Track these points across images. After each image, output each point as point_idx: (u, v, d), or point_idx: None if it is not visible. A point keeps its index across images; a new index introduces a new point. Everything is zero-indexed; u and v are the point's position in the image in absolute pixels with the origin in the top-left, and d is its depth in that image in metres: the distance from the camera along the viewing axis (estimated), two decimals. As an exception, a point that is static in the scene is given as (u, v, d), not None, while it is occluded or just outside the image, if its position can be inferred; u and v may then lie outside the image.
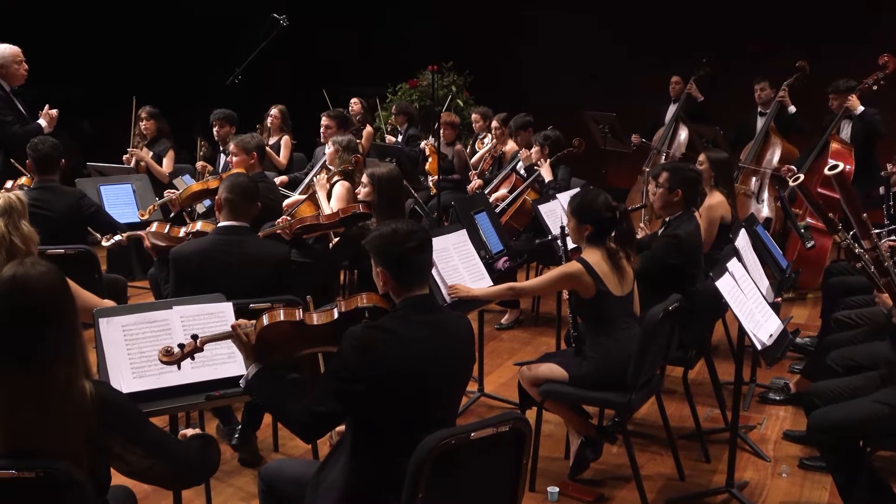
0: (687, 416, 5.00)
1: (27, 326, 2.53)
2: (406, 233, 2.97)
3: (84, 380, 2.59)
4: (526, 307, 7.34)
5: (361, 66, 12.35)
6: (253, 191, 4.54)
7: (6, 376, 2.52)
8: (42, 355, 2.53)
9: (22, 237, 3.73)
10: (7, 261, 3.65)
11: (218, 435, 4.90)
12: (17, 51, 6.77)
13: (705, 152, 6.03)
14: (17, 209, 3.77)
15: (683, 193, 4.96)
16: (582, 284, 4.20)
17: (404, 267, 2.97)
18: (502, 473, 2.93)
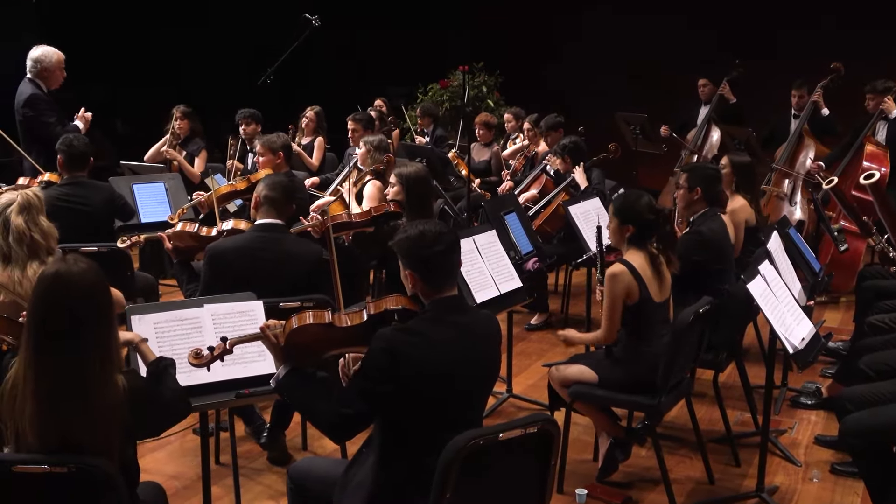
0: (717, 419, 4.97)
1: (68, 322, 2.58)
2: (434, 235, 2.97)
3: (118, 374, 2.64)
4: (555, 309, 7.31)
5: (391, 66, 12.36)
6: (291, 190, 4.61)
7: (48, 371, 2.57)
8: (81, 351, 2.59)
9: (41, 232, 3.77)
10: (29, 256, 3.70)
11: (246, 433, 4.93)
12: (62, 57, 6.88)
13: (728, 155, 6.00)
14: (35, 205, 3.81)
15: (703, 191, 4.96)
16: (628, 285, 4.17)
17: (432, 269, 2.97)
18: (530, 475, 2.92)
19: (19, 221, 3.73)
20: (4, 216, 3.75)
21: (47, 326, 2.59)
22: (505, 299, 4.91)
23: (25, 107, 6.66)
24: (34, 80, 6.76)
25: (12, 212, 3.74)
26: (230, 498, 4.24)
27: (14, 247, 3.72)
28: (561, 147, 7.10)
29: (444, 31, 12.25)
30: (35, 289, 2.65)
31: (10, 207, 3.76)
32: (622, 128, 9.17)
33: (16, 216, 3.73)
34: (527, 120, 8.60)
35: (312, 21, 7.93)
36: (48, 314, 2.60)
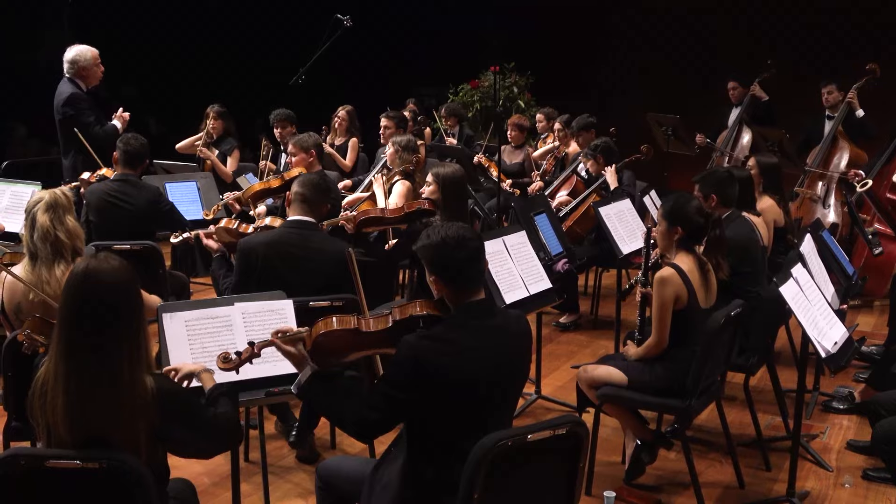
0: (747, 423, 4.93)
1: (98, 318, 2.62)
2: (456, 241, 2.94)
3: (147, 374, 2.66)
4: (584, 310, 7.29)
5: (423, 67, 12.38)
6: (325, 189, 4.65)
7: (77, 365, 2.61)
8: (110, 347, 2.62)
9: (67, 231, 3.80)
10: (53, 255, 3.74)
11: (276, 431, 4.96)
12: (96, 53, 6.94)
13: (755, 156, 5.95)
14: (62, 204, 3.85)
15: (718, 196, 4.90)
16: (677, 290, 4.13)
17: (457, 275, 2.96)
18: (558, 476, 2.91)
19: (44, 219, 3.77)
20: (32, 213, 3.79)
21: (77, 322, 2.63)
22: (534, 300, 4.89)
23: (66, 106, 6.73)
24: (73, 80, 6.83)
25: (39, 209, 3.78)
26: (259, 495, 4.26)
27: (39, 245, 3.76)
28: (592, 147, 7.07)
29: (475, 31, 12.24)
30: (66, 284, 2.69)
31: (38, 205, 3.80)
32: (654, 129, 9.13)
33: (42, 214, 3.77)
34: (557, 120, 8.58)
35: (344, 21, 7.94)
36: (78, 310, 2.63)
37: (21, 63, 11.25)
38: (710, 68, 10.65)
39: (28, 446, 3.62)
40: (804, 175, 8.18)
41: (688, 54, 11.25)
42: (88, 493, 2.63)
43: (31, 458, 2.61)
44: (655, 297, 4.14)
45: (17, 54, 11.32)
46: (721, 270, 4.28)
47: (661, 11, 11.55)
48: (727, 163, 8.91)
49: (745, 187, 5.22)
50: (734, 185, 5.06)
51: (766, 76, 9.10)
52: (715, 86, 9.93)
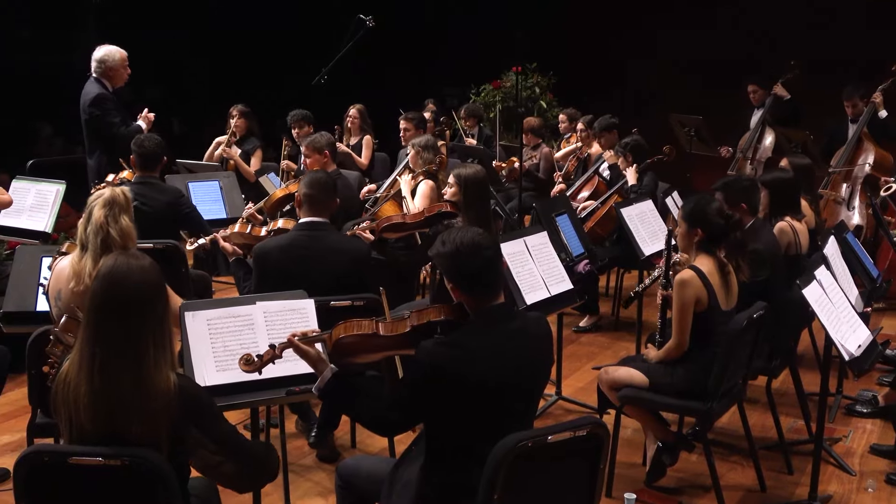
0: (770, 426, 4.90)
1: (124, 312, 2.66)
2: (472, 249, 2.92)
3: (170, 371, 2.69)
4: (606, 311, 7.27)
5: (445, 67, 12.39)
6: (331, 186, 4.64)
7: (102, 357, 2.63)
8: (135, 341, 2.65)
9: (120, 230, 3.84)
10: (102, 250, 3.78)
11: (297, 430, 4.98)
12: (125, 55, 6.97)
13: (788, 158, 5.91)
14: (119, 203, 3.89)
15: (747, 205, 4.87)
16: (698, 292, 4.11)
17: (474, 283, 2.95)
18: (579, 478, 2.91)
19: (100, 215, 3.82)
20: (90, 208, 3.86)
21: (104, 315, 2.67)
22: (555, 301, 4.89)
23: (92, 106, 6.76)
24: (99, 80, 6.87)
25: (97, 205, 3.85)
26: (279, 494, 4.28)
27: (91, 238, 3.82)
28: (623, 145, 7.06)
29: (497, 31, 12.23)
30: (95, 278, 2.74)
31: (97, 200, 3.86)
32: (676, 130, 9.09)
33: (98, 209, 3.83)
34: (581, 121, 8.56)
35: (367, 22, 7.96)
36: (105, 303, 2.67)
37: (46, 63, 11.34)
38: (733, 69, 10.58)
39: (52, 443, 3.66)
40: (828, 177, 8.12)
41: (711, 54, 11.18)
42: (111, 489, 2.65)
43: (55, 455, 2.63)
44: (676, 299, 4.13)
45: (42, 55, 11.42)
46: (742, 272, 4.25)
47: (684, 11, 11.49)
48: (750, 164, 8.86)
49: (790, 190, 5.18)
50: (759, 192, 5.04)
51: (790, 76, 9.03)
52: (738, 86, 9.87)
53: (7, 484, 4.26)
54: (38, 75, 11.12)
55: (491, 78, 11.89)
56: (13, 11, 10.89)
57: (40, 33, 11.39)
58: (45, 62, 11.24)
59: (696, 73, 11.28)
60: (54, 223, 6.18)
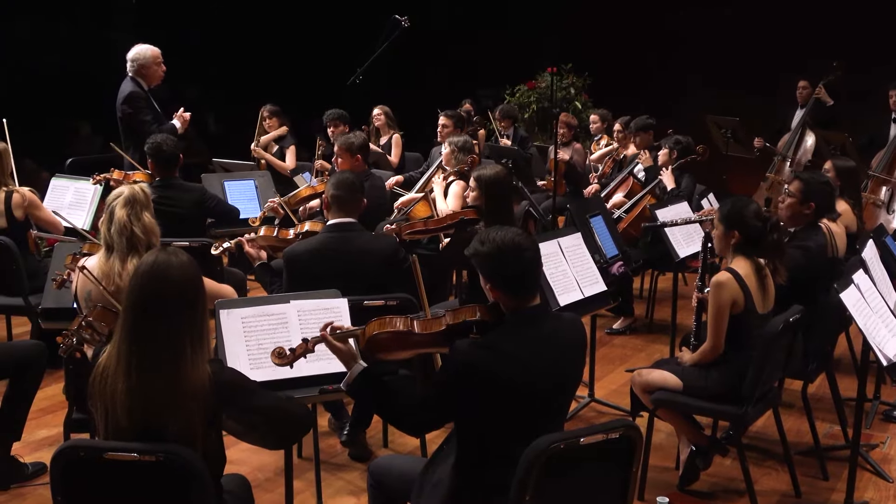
0: (805, 431, 4.85)
1: (163, 308, 2.69)
2: (512, 248, 2.91)
3: (206, 363, 2.72)
4: (640, 313, 7.23)
5: (480, 67, 12.38)
6: (358, 186, 4.64)
7: (140, 351, 2.67)
8: (174, 336, 2.68)
9: (143, 228, 3.88)
10: (128, 248, 3.82)
11: (329, 428, 5.00)
12: (158, 52, 7.03)
13: (832, 160, 5.82)
14: (140, 200, 3.93)
15: (816, 206, 4.80)
16: (734, 294, 4.08)
17: (512, 283, 2.94)
18: (611, 481, 2.90)
19: (122, 214, 3.86)
20: (111, 207, 3.89)
21: (142, 310, 2.70)
22: (589, 303, 4.87)
23: (125, 104, 6.83)
24: (135, 79, 6.94)
25: (118, 204, 3.88)
26: (311, 492, 4.30)
27: (115, 238, 3.85)
28: (674, 141, 7.03)
29: (532, 32, 12.22)
30: (135, 274, 2.77)
31: (117, 200, 3.90)
32: (713, 131, 9.02)
33: (120, 209, 3.86)
34: (618, 122, 8.51)
35: (402, 22, 7.98)
36: (144, 299, 2.71)
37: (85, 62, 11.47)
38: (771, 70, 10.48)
39: (88, 438, 3.70)
40: (867, 179, 8.02)
41: (748, 55, 11.09)
42: (146, 484, 2.68)
43: (91, 450, 2.67)
44: (711, 302, 4.09)
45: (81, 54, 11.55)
46: (779, 275, 4.21)
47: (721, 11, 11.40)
48: (790, 166, 8.78)
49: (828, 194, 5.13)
50: (834, 200, 4.98)
51: (832, 78, 8.93)
52: (775, 88, 9.79)
53: (44, 478, 4.32)
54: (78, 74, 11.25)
55: (526, 78, 11.87)
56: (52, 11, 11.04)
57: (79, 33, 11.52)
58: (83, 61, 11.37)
59: (729, 73, 11.19)
60: (92, 221, 6.25)
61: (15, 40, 10.76)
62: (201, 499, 2.65)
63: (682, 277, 6.91)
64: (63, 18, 11.25)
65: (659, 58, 11.87)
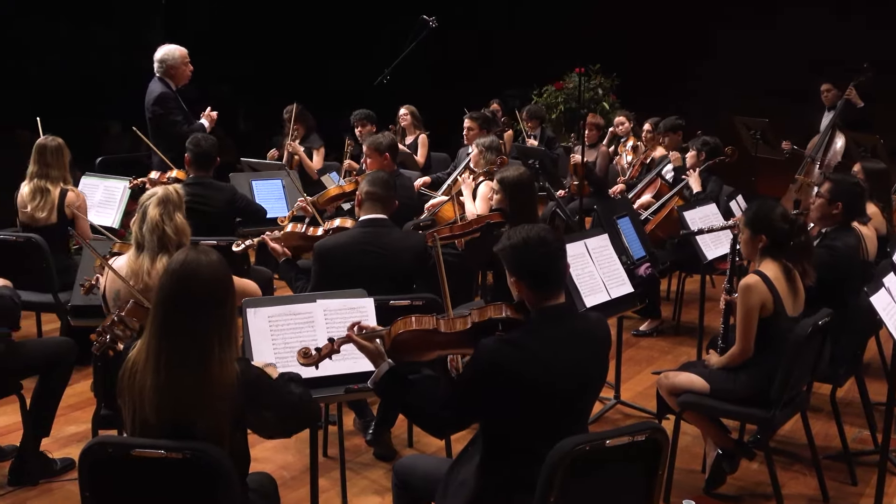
0: (833, 435, 4.81)
1: (193, 306, 2.72)
2: (538, 242, 2.94)
3: (234, 361, 2.74)
4: (667, 315, 7.19)
5: (507, 67, 12.37)
6: (392, 185, 4.68)
7: (170, 348, 2.70)
8: (203, 334, 2.71)
9: (175, 227, 3.92)
10: (158, 247, 3.86)
11: (354, 428, 5.01)
12: (185, 52, 7.07)
13: (861, 162, 5.77)
14: (173, 200, 3.97)
15: (844, 206, 4.76)
16: (763, 298, 4.05)
17: (538, 277, 2.95)
18: (636, 483, 2.89)
19: (155, 213, 3.90)
20: (144, 206, 3.94)
21: (173, 308, 2.72)
22: (615, 304, 4.85)
23: (155, 104, 6.88)
24: (163, 79, 6.98)
25: (151, 203, 3.93)
26: (336, 490, 4.31)
27: (147, 237, 3.90)
28: (702, 142, 6.99)
29: (560, 31, 12.19)
30: (165, 271, 2.80)
31: (150, 199, 3.94)
32: (741, 132, 8.95)
33: (153, 208, 3.91)
34: (647, 122, 8.47)
35: (430, 22, 7.98)
36: (175, 296, 2.73)
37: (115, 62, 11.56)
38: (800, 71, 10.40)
39: (115, 434, 3.74)
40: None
41: (778, 56, 11.01)
42: (173, 481, 2.70)
43: (118, 447, 2.69)
44: (740, 305, 4.06)
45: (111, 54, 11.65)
46: (807, 277, 4.17)
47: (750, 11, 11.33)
48: (819, 169, 8.69)
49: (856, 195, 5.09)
50: (863, 201, 4.94)
51: (862, 80, 8.83)
52: (805, 89, 9.70)
53: (72, 473, 4.36)
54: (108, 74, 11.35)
55: (553, 79, 11.83)
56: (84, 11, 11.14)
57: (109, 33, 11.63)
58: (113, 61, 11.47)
59: (757, 74, 11.11)
60: (121, 219, 6.31)
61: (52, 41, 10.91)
62: (228, 496, 2.67)
63: (709, 280, 6.86)
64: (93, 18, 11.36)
65: (688, 58, 11.80)
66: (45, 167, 5.53)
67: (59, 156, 5.57)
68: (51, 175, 5.53)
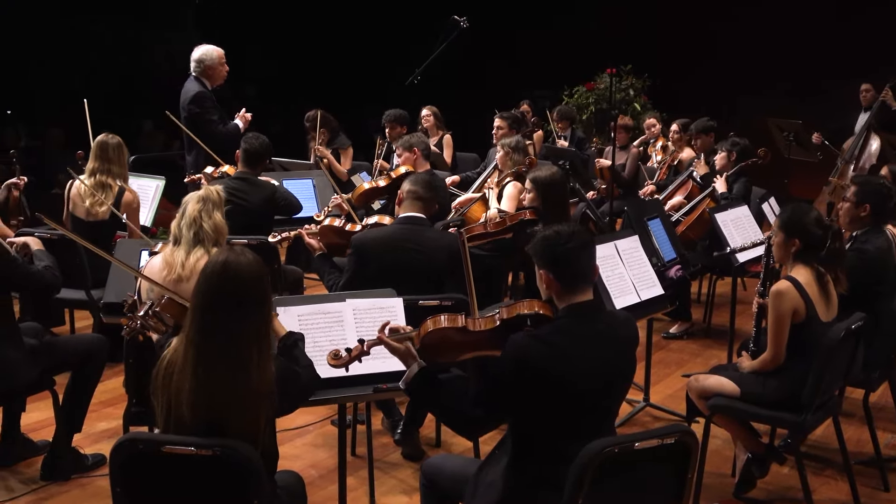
0: (866, 440, 4.75)
1: (232, 307, 2.74)
2: (568, 233, 2.97)
3: (271, 361, 2.76)
4: (697, 318, 7.15)
5: (538, 68, 12.35)
6: (437, 187, 4.73)
7: (209, 349, 2.72)
8: (242, 335, 2.74)
9: (213, 225, 3.97)
10: (194, 243, 3.91)
11: (382, 427, 5.02)
12: (222, 52, 7.13)
13: (889, 165, 5.71)
14: (212, 199, 4.03)
15: (871, 207, 4.71)
16: (795, 304, 4.01)
17: (565, 267, 2.96)
18: (665, 486, 2.87)
19: (193, 209, 3.97)
20: (185, 203, 4.01)
21: (212, 308, 2.75)
22: (645, 306, 4.84)
23: (192, 104, 6.93)
24: (199, 79, 7.04)
25: (191, 200, 4.01)
26: (364, 489, 4.32)
27: (184, 231, 3.96)
28: (731, 143, 6.94)
29: (591, 32, 12.15)
30: (203, 272, 2.82)
31: (192, 196, 4.01)
32: (774, 134, 8.88)
33: (192, 204, 3.99)
34: (675, 123, 8.42)
35: (461, 23, 7.99)
36: (214, 297, 2.75)
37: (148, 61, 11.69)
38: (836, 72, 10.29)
39: (147, 431, 3.77)
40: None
41: (811, 57, 10.90)
42: (203, 478, 2.72)
43: (149, 443, 2.71)
44: (772, 311, 4.03)
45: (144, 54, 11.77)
46: (840, 284, 4.13)
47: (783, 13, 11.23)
48: (853, 171, 8.60)
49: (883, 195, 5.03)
50: (892, 201, 4.89)
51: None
52: (839, 91, 9.61)
53: (103, 469, 4.40)
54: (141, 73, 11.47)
55: (584, 79, 11.80)
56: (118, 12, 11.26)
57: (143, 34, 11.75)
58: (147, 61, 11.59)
59: (790, 76, 11.01)
60: (154, 217, 6.36)
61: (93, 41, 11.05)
62: (257, 494, 2.68)
63: (741, 282, 6.81)
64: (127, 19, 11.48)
65: (719, 60, 11.72)
66: (106, 163, 5.61)
67: (120, 153, 5.67)
68: (112, 171, 5.62)
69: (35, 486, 4.32)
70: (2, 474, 4.41)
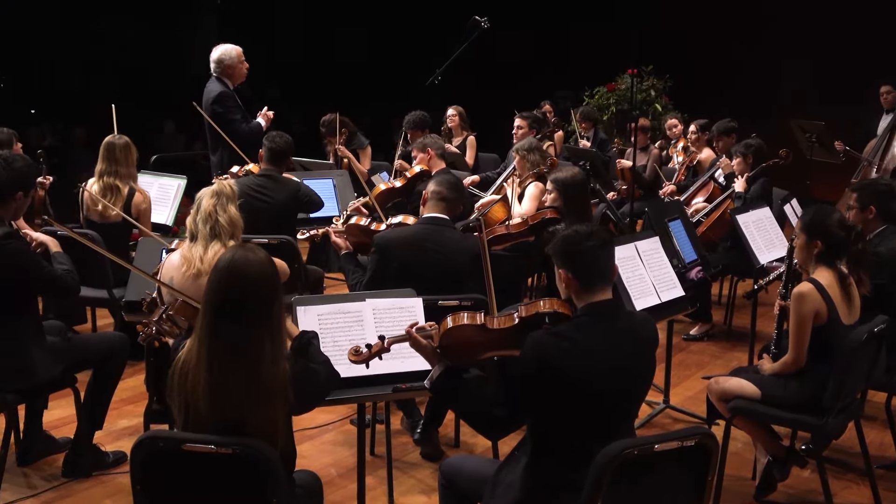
0: (888, 444, 4.72)
1: (242, 305, 2.75)
2: (587, 232, 2.98)
3: (285, 360, 2.77)
4: (718, 320, 7.11)
5: (559, 68, 12.33)
6: (462, 189, 4.73)
7: (221, 348, 2.73)
8: (253, 333, 2.74)
9: (228, 219, 4.02)
10: (211, 237, 3.95)
11: (402, 427, 5.02)
12: (240, 50, 7.15)
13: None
14: (226, 193, 4.07)
15: (877, 209, 4.69)
16: (816, 306, 3.99)
17: (585, 265, 2.96)
18: (685, 489, 2.86)
19: (208, 204, 4.01)
20: (199, 199, 4.04)
21: (222, 307, 2.76)
22: (666, 308, 4.82)
23: (214, 104, 6.96)
24: (220, 79, 7.07)
25: (206, 196, 4.05)
26: (383, 489, 4.33)
27: (200, 226, 3.99)
28: (745, 146, 6.90)
29: (613, 32, 12.11)
30: (213, 271, 2.83)
31: (205, 192, 4.03)
32: (797, 135, 8.82)
33: (207, 199, 4.03)
34: (693, 124, 8.38)
35: (482, 23, 7.98)
36: (224, 296, 2.76)
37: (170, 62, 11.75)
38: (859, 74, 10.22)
39: (167, 429, 3.79)
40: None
41: (833, 58, 10.83)
42: (222, 476, 2.73)
43: (170, 441, 2.73)
44: (793, 313, 4.00)
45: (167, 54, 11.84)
46: (863, 286, 4.10)
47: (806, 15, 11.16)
48: (875, 173, 8.54)
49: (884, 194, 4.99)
50: (894, 197, 4.86)
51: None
52: (862, 93, 9.54)
53: (124, 466, 4.43)
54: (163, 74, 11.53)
55: (605, 80, 11.76)
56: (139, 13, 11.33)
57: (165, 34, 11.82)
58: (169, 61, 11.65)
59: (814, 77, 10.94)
60: (175, 216, 6.40)
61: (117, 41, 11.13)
62: (276, 492, 2.69)
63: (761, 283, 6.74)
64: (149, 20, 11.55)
65: (742, 60, 11.67)
66: (114, 164, 5.63)
67: (127, 153, 5.68)
68: (119, 173, 5.63)
69: (56, 482, 4.35)
70: (24, 471, 4.45)
